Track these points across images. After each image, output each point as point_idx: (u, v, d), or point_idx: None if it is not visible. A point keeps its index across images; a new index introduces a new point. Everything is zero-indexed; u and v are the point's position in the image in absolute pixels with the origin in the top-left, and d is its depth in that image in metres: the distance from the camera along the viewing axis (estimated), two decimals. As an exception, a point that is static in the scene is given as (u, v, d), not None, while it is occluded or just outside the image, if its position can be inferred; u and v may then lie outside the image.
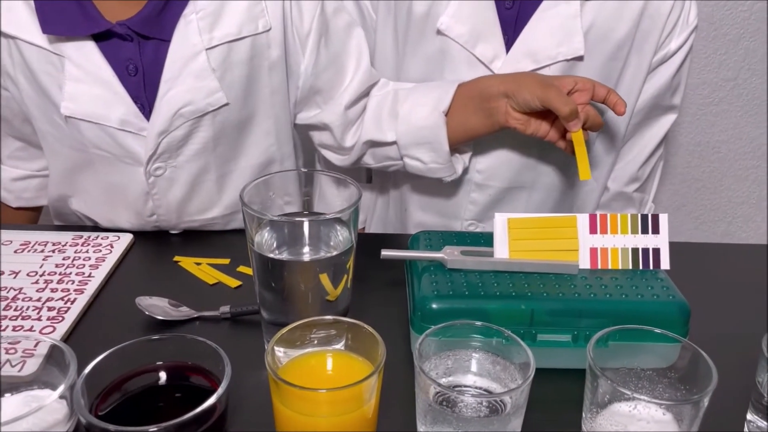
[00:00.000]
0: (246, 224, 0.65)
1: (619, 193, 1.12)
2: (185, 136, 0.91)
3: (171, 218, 0.98)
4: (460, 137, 0.97)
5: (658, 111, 1.06)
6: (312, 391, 0.55)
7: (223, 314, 0.78)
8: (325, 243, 0.68)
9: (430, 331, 0.61)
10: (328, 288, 0.67)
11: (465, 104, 0.94)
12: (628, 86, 1.00)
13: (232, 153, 0.97)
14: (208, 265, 0.87)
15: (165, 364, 0.61)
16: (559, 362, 0.71)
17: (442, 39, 0.98)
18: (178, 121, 0.89)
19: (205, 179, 0.97)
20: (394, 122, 0.98)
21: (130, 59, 0.87)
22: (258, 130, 0.97)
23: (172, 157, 0.93)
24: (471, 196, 1.07)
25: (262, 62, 0.93)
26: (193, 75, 0.88)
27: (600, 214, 0.75)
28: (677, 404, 0.57)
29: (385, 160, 1.03)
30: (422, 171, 1.00)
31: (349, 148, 1.02)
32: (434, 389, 0.57)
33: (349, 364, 0.61)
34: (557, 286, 0.71)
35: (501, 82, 0.91)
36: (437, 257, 0.74)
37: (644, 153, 1.08)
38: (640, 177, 1.11)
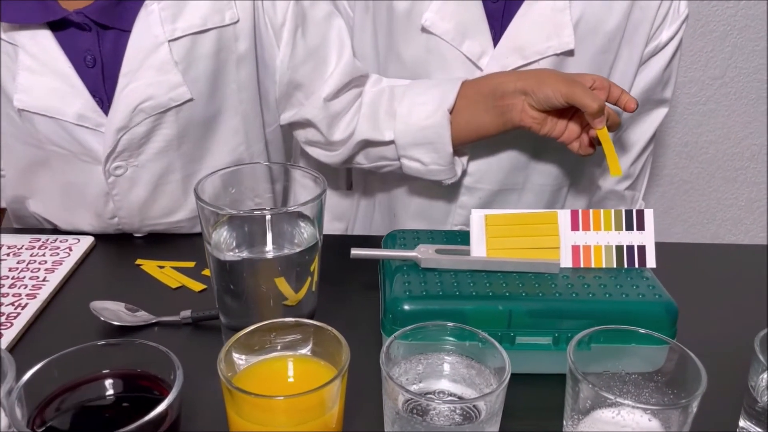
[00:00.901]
0: (201, 222, 0.60)
1: (610, 191, 1.08)
2: (147, 133, 0.87)
3: (133, 221, 0.93)
4: (465, 137, 0.92)
5: (650, 105, 1.02)
6: (268, 398, 0.51)
7: (183, 319, 0.73)
8: (288, 241, 0.64)
9: (399, 333, 0.57)
10: (286, 292, 0.63)
11: (474, 102, 0.89)
12: (620, 80, 0.97)
13: (198, 152, 0.92)
14: (172, 268, 0.83)
15: (111, 372, 0.56)
16: (539, 367, 0.67)
17: (427, 37, 0.94)
18: (138, 116, 0.85)
19: (169, 180, 0.92)
20: (392, 121, 0.93)
21: (88, 50, 0.83)
22: (225, 128, 0.93)
23: (133, 156, 0.88)
24: (460, 200, 1.02)
25: (229, 56, 0.88)
26: (154, 68, 0.83)
27: (582, 210, 0.71)
28: (664, 409, 0.53)
29: (380, 160, 0.98)
30: (421, 173, 0.95)
31: (338, 142, 0.97)
32: (402, 396, 0.53)
33: (311, 370, 0.57)
34: (537, 286, 0.67)
35: (518, 79, 0.86)
36: (410, 256, 0.70)
37: (636, 149, 1.05)
38: (631, 174, 1.07)
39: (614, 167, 0.82)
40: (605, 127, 0.81)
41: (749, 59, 1.30)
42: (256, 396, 0.51)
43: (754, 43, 1.29)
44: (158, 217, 0.94)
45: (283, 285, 0.63)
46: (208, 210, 0.58)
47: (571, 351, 0.56)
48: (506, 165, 0.99)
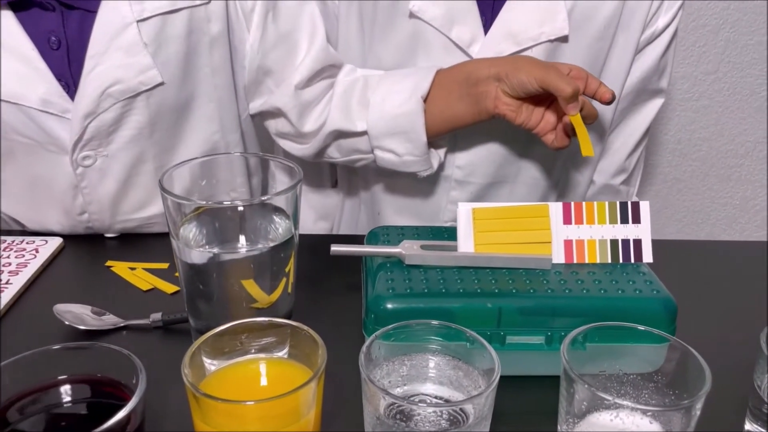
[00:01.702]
0: (167, 216, 0.56)
1: (605, 186, 1.04)
2: (116, 119, 0.82)
3: (104, 217, 0.88)
4: (440, 127, 0.88)
5: (645, 95, 0.99)
6: (236, 404, 0.47)
7: (153, 323, 0.69)
8: (262, 237, 0.60)
9: (380, 333, 0.53)
10: (256, 295, 0.59)
11: (448, 90, 0.86)
12: (616, 68, 0.94)
13: (171, 141, 0.88)
14: (144, 270, 0.79)
15: (70, 378, 0.52)
16: (531, 368, 0.63)
17: (415, 23, 0.90)
18: (106, 101, 0.80)
19: (141, 171, 0.87)
20: (364, 111, 0.89)
21: (52, 31, 0.78)
22: (199, 115, 0.88)
23: (102, 145, 0.83)
24: (451, 194, 0.98)
25: (201, 38, 0.84)
26: (122, 50, 0.79)
27: (575, 202, 0.68)
28: (666, 411, 0.49)
29: (353, 153, 0.93)
30: (395, 165, 0.91)
31: (309, 134, 0.93)
32: (384, 400, 0.49)
33: (286, 373, 0.53)
34: (528, 282, 0.63)
35: (492, 65, 0.82)
36: (394, 252, 0.66)
37: (631, 142, 1.01)
38: (627, 168, 1.03)
39: (586, 148, 0.78)
40: (579, 114, 0.78)
41: (743, 53, 1.28)
42: (223, 401, 0.46)
43: (747, 37, 1.26)
44: (130, 212, 0.89)
45: (252, 287, 0.58)
46: (172, 201, 0.54)
47: (564, 350, 0.52)
48: (498, 157, 0.95)
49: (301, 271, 0.68)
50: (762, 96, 1.32)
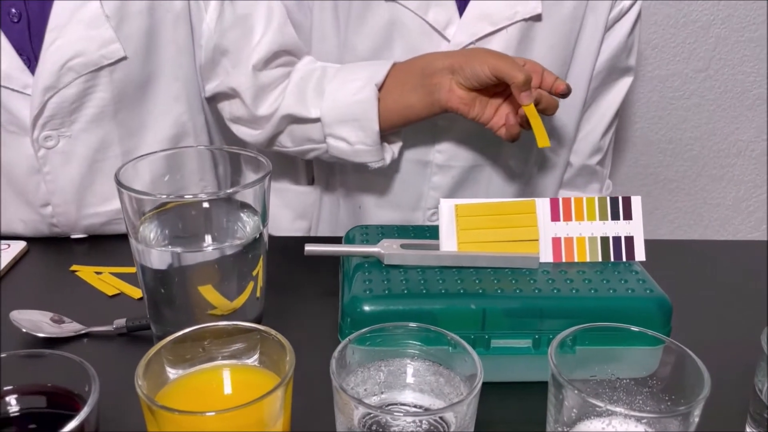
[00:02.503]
0: (125, 215, 0.52)
1: (582, 166, 1.04)
2: (79, 96, 0.80)
3: (69, 210, 0.84)
4: (394, 119, 0.86)
5: (616, 74, 0.99)
6: (195, 415, 0.43)
7: (117, 329, 0.65)
8: (229, 237, 0.56)
9: (354, 336, 0.49)
10: (214, 300, 0.55)
11: (403, 81, 0.84)
12: (587, 47, 0.94)
13: (138, 121, 0.85)
14: (111, 274, 0.75)
15: (17, 389, 0.48)
16: (518, 373, 0.59)
17: (391, 6, 0.88)
18: (67, 75, 0.78)
19: (107, 156, 0.84)
20: (319, 99, 0.87)
21: (12, 4, 0.76)
22: (165, 94, 0.86)
23: (64, 125, 0.81)
24: (432, 180, 0.96)
25: (165, 14, 0.83)
26: (84, 23, 0.77)
27: (563, 198, 0.64)
28: (663, 417, 0.46)
29: (306, 142, 0.91)
30: (346, 154, 0.88)
31: (262, 118, 0.90)
32: (357, 410, 0.45)
33: (253, 382, 0.49)
34: (514, 282, 0.60)
35: (446, 57, 0.82)
36: (372, 252, 0.62)
37: (604, 121, 1.02)
38: (602, 147, 1.04)
39: (542, 139, 0.77)
40: (533, 105, 0.77)
41: (734, 50, 1.25)
42: (180, 413, 0.42)
43: (738, 33, 1.23)
44: (97, 204, 0.86)
45: (210, 293, 0.54)
46: (129, 197, 0.50)
47: (552, 353, 0.49)
48: (478, 140, 0.94)
49: (274, 274, 0.65)
50: (754, 94, 1.29)
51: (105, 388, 0.48)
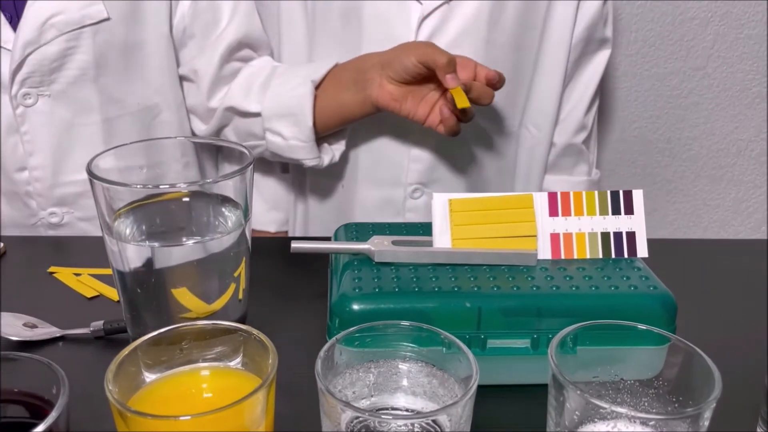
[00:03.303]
0: (98, 208, 0.49)
1: (567, 146, 1.02)
2: (60, 55, 0.81)
3: (45, 176, 0.85)
4: (330, 116, 0.87)
5: (593, 45, 0.99)
6: (170, 420, 0.40)
7: (94, 332, 0.62)
8: (211, 232, 0.53)
9: (341, 336, 0.46)
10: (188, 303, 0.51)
11: (339, 78, 0.86)
12: (562, 14, 0.94)
13: (119, 88, 0.86)
14: (90, 275, 0.71)
15: (-21, 393, 0.45)
16: (516, 375, 0.56)
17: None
18: (49, 32, 0.80)
19: (86, 122, 0.85)
20: (262, 94, 0.88)
21: None
22: (148, 64, 0.88)
23: (44, 83, 0.82)
24: (412, 152, 0.94)
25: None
26: None
27: (561, 192, 0.61)
28: (671, 419, 0.43)
29: (249, 137, 0.92)
30: (282, 149, 0.89)
31: (213, 110, 0.92)
32: (345, 414, 0.42)
33: (233, 385, 0.46)
34: (511, 280, 0.57)
35: (379, 54, 0.83)
36: (362, 249, 0.59)
37: (587, 96, 1.01)
38: (586, 125, 1.02)
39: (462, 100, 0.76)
40: (460, 87, 0.76)
41: (732, 48, 1.23)
42: (153, 417, 0.39)
43: (737, 30, 1.21)
44: (74, 171, 0.86)
45: (184, 296, 0.51)
46: (102, 188, 0.47)
47: (552, 352, 0.46)
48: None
49: (259, 276, 0.62)
50: (753, 92, 1.27)
51: (79, 394, 0.45)
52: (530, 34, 0.93)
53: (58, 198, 0.87)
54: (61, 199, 0.88)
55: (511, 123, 0.98)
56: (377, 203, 0.98)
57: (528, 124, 1.00)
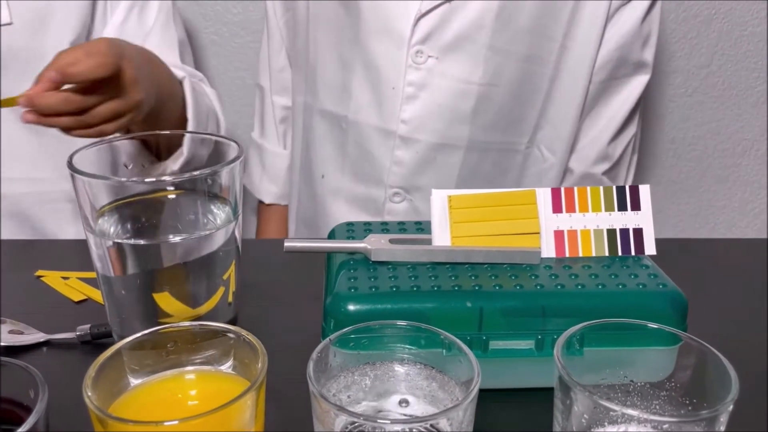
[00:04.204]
0: (79, 204, 0.47)
1: (585, 175, 0.96)
2: None
3: None
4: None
5: (627, 68, 0.91)
6: (153, 425, 0.37)
7: (80, 336, 0.59)
8: (198, 229, 0.50)
9: (335, 337, 0.44)
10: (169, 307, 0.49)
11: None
12: (586, 28, 0.86)
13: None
14: (78, 279, 0.69)
15: (-48, 400, 0.42)
16: (519, 379, 0.54)
17: None
18: None
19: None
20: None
21: None
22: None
23: None
24: (395, 154, 0.91)
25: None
26: None
27: (565, 187, 0.59)
28: (685, 421, 0.40)
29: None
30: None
31: None
32: (339, 419, 0.40)
33: (222, 389, 0.43)
34: (513, 278, 0.54)
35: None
36: (358, 247, 0.57)
37: (614, 124, 0.93)
38: (610, 156, 0.95)
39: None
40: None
41: (737, 45, 1.21)
42: (135, 423, 0.37)
43: (741, 27, 1.19)
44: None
45: (165, 299, 0.49)
46: (82, 182, 0.45)
47: (558, 352, 0.43)
48: (447, 113, 0.89)
49: (250, 279, 0.60)
50: (759, 90, 1.25)
51: (63, 401, 0.43)
52: (548, 45, 0.87)
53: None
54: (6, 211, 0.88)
55: (516, 140, 0.92)
56: (357, 200, 0.96)
57: (540, 146, 0.94)
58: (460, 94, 0.88)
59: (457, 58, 0.85)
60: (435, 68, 0.87)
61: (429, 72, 0.87)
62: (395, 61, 0.88)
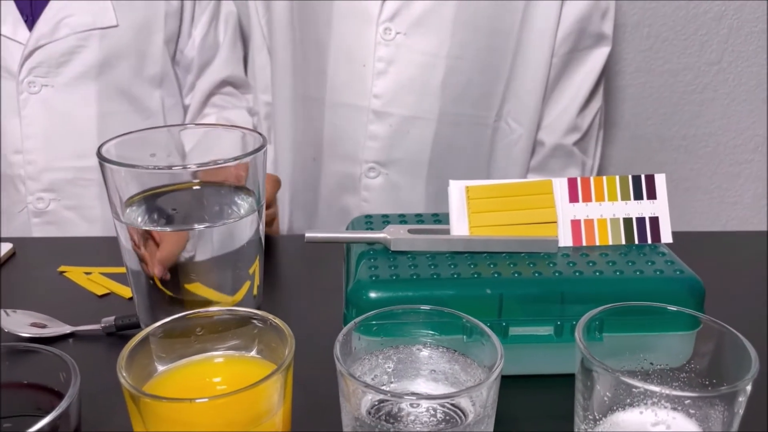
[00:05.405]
0: (109, 192, 0.48)
1: (556, 146, 0.99)
2: (68, 52, 0.90)
3: (39, 159, 0.92)
4: None
5: (588, 40, 0.95)
6: (185, 403, 0.38)
7: (105, 328, 0.60)
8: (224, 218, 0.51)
9: (360, 320, 0.44)
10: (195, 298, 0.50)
11: None
12: (546, 4, 0.90)
13: (118, 89, 0.94)
14: (101, 274, 0.70)
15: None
16: (539, 365, 0.55)
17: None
18: (62, 30, 0.89)
19: (83, 115, 0.92)
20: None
21: None
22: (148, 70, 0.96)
23: (50, 75, 0.90)
24: (369, 129, 0.94)
25: (159, 7, 0.94)
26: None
27: (581, 177, 0.60)
28: (706, 397, 0.41)
29: None
30: None
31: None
32: (366, 396, 0.41)
33: (249, 373, 0.44)
34: (532, 266, 0.55)
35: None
36: (378, 238, 0.58)
37: (580, 96, 0.97)
38: (579, 126, 0.98)
39: None
40: None
41: (747, 41, 1.21)
42: (168, 401, 0.38)
43: (751, 24, 1.20)
44: (66, 158, 0.93)
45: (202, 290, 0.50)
46: (109, 168, 0.46)
47: (580, 334, 0.44)
48: (416, 86, 0.92)
49: (271, 272, 0.60)
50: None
51: (90, 389, 0.44)
52: (510, 18, 0.91)
53: (47, 183, 0.93)
54: (50, 185, 0.94)
55: (485, 114, 0.95)
56: (339, 179, 0.99)
57: (508, 119, 0.97)
58: (428, 67, 0.91)
59: (424, 32, 0.89)
60: (403, 43, 0.91)
61: (397, 47, 0.90)
62: (365, 39, 0.91)
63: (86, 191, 0.96)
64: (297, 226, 1.08)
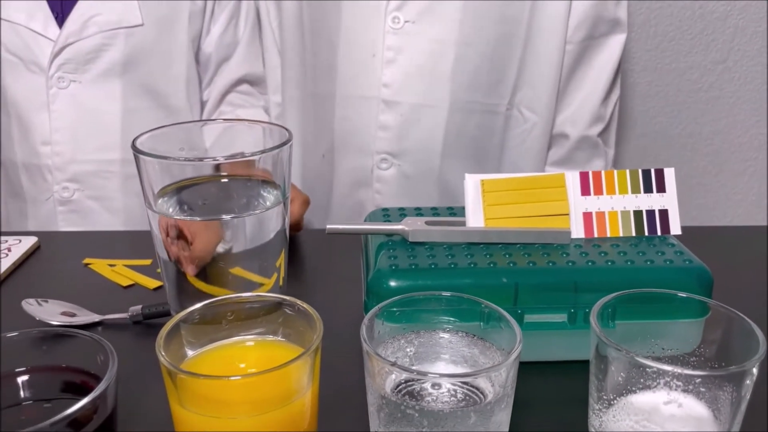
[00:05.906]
0: (142, 183, 0.50)
1: (582, 138, 0.98)
2: (95, 49, 0.93)
3: (65, 151, 0.95)
4: None
5: (604, 26, 0.94)
6: (220, 380, 0.40)
7: (133, 317, 0.62)
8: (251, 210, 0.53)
9: (384, 305, 0.46)
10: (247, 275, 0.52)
11: None
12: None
13: (143, 86, 0.97)
14: (125, 266, 0.72)
15: (28, 369, 0.45)
16: (553, 351, 0.57)
17: None
18: (90, 28, 0.92)
19: (109, 110, 0.96)
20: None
21: None
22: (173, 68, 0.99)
23: (78, 71, 0.93)
24: (380, 119, 0.94)
25: (184, 7, 0.97)
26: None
27: (593, 171, 0.62)
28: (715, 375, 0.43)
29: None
30: None
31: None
32: (391, 377, 0.43)
33: (278, 356, 0.46)
34: (546, 256, 0.57)
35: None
36: (396, 229, 0.60)
37: (601, 84, 0.96)
38: (603, 116, 0.98)
39: None
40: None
41: (752, 40, 1.23)
42: (204, 377, 0.40)
43: (756, 23, 1.22)
44: (91, 151, 0.96)
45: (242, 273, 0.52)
46: (143, 160, 0.48)
47: (594, 318, 0.46)
48: (426, 74, 0.92)
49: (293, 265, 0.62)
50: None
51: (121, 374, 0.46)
52: (518, 4, 0.90)
53: (72, 174, 0.97)
54: (74, 175, 0.97)
55: (496, 102, 0.95)
56: (351, 173, 0.99)
57: (521, 107, 0.96)
58: (437, 54, 0.91)
59: (432, 20, 0.89)
60: (412, 31, 0.91)
61: (406, 35, 0.91)
62: (374, 30, 0.92)
63: (108, 183, 0.98)
64: (311, 223, 1.09)
